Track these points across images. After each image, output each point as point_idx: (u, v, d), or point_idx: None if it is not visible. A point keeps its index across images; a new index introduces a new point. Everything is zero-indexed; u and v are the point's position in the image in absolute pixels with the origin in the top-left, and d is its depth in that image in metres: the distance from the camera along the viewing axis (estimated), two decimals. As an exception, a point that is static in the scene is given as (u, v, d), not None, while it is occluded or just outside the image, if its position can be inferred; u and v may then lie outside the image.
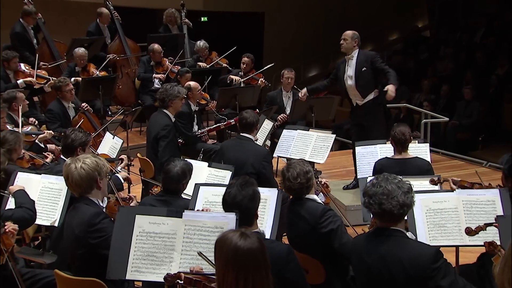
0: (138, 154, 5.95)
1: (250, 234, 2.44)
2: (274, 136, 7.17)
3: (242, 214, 3.12)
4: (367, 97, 6.37)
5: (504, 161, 3.95)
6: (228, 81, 8.37)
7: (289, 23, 14.95)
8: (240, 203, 3.14)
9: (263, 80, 8.31)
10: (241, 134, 5.32)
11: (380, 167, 4.89)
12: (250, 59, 8.45)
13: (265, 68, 8.67)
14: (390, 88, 5.92)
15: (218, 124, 7.36)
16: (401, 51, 15.50)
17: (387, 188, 2.99)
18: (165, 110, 5.92)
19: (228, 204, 3.19)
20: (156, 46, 8.79)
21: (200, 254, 2.83)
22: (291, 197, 3.96)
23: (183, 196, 4.09)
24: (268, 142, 7.37)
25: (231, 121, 7.20)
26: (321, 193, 4.12)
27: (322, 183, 4.25)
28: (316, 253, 3.75)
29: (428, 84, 11.91)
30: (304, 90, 6.67)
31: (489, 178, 5.11)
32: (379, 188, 3.00)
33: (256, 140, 5.42)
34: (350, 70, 6.40)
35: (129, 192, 5.49)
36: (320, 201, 3.91)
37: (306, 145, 6.08)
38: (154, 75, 8.80)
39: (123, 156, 5.30)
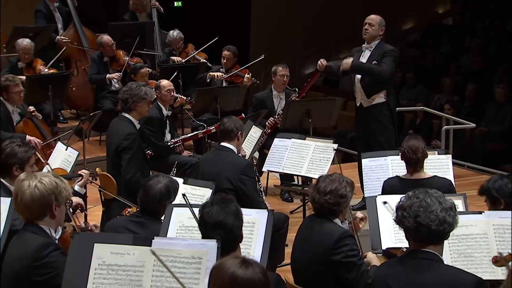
0: (98, 169, 5.94)
1: (252, 263, 2.45)
2: (263, 146, 7.19)
3: (227, 236, 3.16)
4: (372, 99, 6.50)
5: (492, 183, 4.11)
6: (208, 79, 8.39)
7: (281, 9, 15.02)
8: (224, 222, 3.18)
9: (250, 77, 8.30)
10: (220, 144, 5.37)
11: (390, 188, 4.94)
12: (231, 52, 8.46)
13: (252, 62, 8.70)
14: (347, 60, 6.26)
15: (195, 132, 7.36)
16: (417, 43, 15.59)
17: (426, 201, 3.12)
18: (127, 115, 5.90)
19: (210, 225, 3.21)
20: (105, 38, 8.80)
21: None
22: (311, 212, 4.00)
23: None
24: (257, 154, 7.41)
25: (211, 128, 7.20)
26: (348, 224, 4.15)
27: (356, 217, 4.28)
28: (319, 285, 3.77)
29: (450, 83, 11.94)
30: (323, 61, 6.76)
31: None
32: (416, 200, 3.13)
33: (242, 155, 5.46)
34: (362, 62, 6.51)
35: (86, 218, 5.48)
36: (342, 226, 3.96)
37: (302, 157, 6.10)
38: (107, 75, 8.80)
39: (82, 171, 5.27)
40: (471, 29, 14.76)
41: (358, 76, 6.56)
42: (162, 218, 4.09)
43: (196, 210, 3.41)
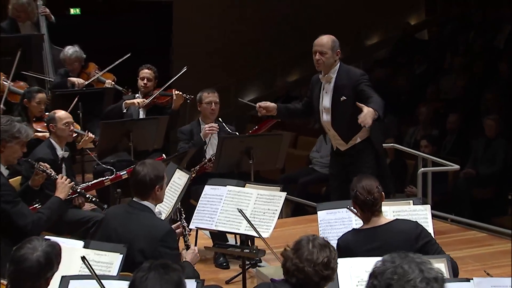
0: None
1: None
2: (190, 195, 7.18)
3: None
4: (351, 142, 6.64)
5: None
6: (125, 110, 8.38)
7: (211, 20, 15.12)
8: None
9: (180, 93, 8.32)
10: (133, 199, 5.26)
11: (345, 245, 4.98)
12: (152, 71, 8.53)
13: (174, 78, 8.68)
14: (366, 111, 6.08)
15: (100, 179, 7.28)
16: (385, 62, 15.76)
17: (403, 267, 3.06)
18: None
19: None
20: None
21: None
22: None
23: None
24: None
25: (121, 173, 7.15)
26: None
27: None
28: None
29: (427, 112, 12.05)
30: (269, 104, 6.80)
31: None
32: (390, 265, 3.08)
33: (160, 214, 5.40)
34: (326, 99, 6.64)
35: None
36: None
37: (242, 209, 6.03)
38: None
39: None
40: (451, 44, 14.88)
41: (326, 118, 6.66)
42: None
43: (107, 282, 3.37)
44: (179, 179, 6.64)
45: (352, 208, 5.07)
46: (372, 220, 5.02)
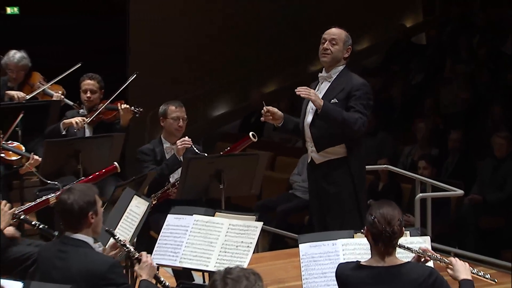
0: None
1: None
2: (149, 226, 7.19)
3: None
4: (326, 152, 6.71)
5: None
6: (64, 131, 8.32)
7: (174, 23, 15.11)
8: None
9: (127, 107, 8.27)
10: (64, 235, 5.22)
11: (343, 279, 4.97)
12: (96, 81, 8.50)
13: (124, 85, 8.71)
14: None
15: (44, 197, 7.12)
16: (377, 70, 15.85)
17: None
18: None
19: None
20: None
21: None
22: None
23: None
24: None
25: (48, 196, 7.08)
26: None
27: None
28: None
29: (426, 129, 12.12)
30: (277, 110, 6.90)
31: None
32: None
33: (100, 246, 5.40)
34: (311, 113, 6.73)
35: None
36: None
37: (210, 242, 6.10)
38: None
39: None
40: (453, 50, 15.02)
41: (309, 119, 6.74)
42: None
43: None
44: (137, 207, 6.63)
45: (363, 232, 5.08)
46: (382, 258, 4.98)
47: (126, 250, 5.44)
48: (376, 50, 17.03)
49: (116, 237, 5.53)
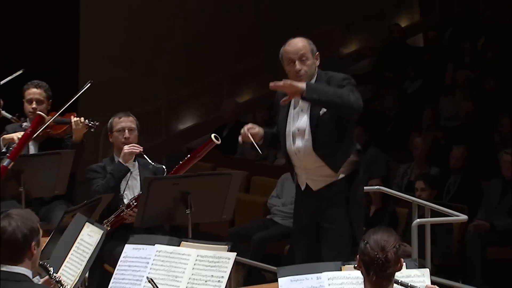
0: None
1: None
2: (103, 258, 7.18)
3: None
4: (332, 178, 6.72)
5: None
6: (4, 147, 8.30)
7: (133, 20, 15.22)
8: None
9: (80, 120, 8.24)
10: (2, 270, 5.12)
11: None
12: (42, 90, 8.51)
13: (71, 101, 8.53)
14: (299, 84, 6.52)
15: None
16: (368, 76, 16.08)
17: None
18: None
19: None
20: None
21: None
22: None
23: None
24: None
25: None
26: None
27: None
28: None
29: (424, 144, 12.21)
30: (259, 129, 6.91)
31: None
32: None
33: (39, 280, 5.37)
34: (301, 119, 6.78)
35: None
36: None
37: (176, 276, 6.08)
38: None
39: None
40: (455, 53, 15.19)
41: (300, 144, 6.73)
42: None
43: None
44: (89, 237, 6.56)
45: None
46: None
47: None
48: (366, 54, 17.28)
49: (51, 273, 5.47)
